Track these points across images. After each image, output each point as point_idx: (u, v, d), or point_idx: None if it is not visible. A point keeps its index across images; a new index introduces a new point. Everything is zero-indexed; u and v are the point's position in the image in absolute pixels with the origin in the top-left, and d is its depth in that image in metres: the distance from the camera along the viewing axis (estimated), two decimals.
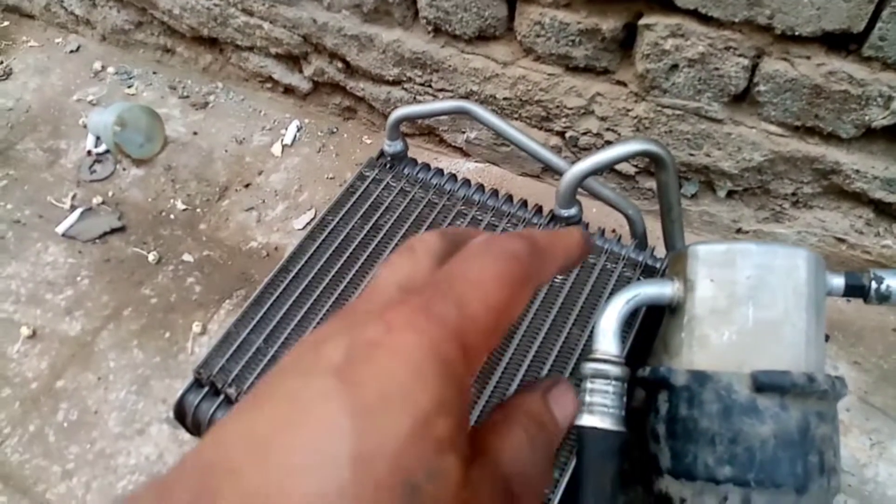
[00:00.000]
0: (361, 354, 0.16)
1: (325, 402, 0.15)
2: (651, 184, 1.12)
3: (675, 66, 0.93)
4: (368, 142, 1.37)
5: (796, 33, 0.82)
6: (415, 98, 1.23)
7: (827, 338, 0.62)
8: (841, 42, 0.82)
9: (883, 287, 0.60)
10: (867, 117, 0.86)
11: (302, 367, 0.17)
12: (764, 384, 0.52)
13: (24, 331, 1.09)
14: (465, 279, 0.18)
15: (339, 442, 0.15)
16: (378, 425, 0.15)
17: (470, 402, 0.18)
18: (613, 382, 0.55)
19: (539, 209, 0.86)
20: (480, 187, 0.88)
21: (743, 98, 0.94)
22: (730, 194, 1.08)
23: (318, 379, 0.16)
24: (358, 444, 0.15)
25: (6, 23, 1.70)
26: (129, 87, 1.53)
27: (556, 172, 0.83)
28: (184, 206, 1.27)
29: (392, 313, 0.17)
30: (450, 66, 1.12)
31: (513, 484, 0.19)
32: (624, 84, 1.01)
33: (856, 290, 0.61)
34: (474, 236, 0.22)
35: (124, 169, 1.35)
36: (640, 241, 0.87)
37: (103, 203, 1.29)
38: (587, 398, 0.55)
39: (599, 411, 0.54)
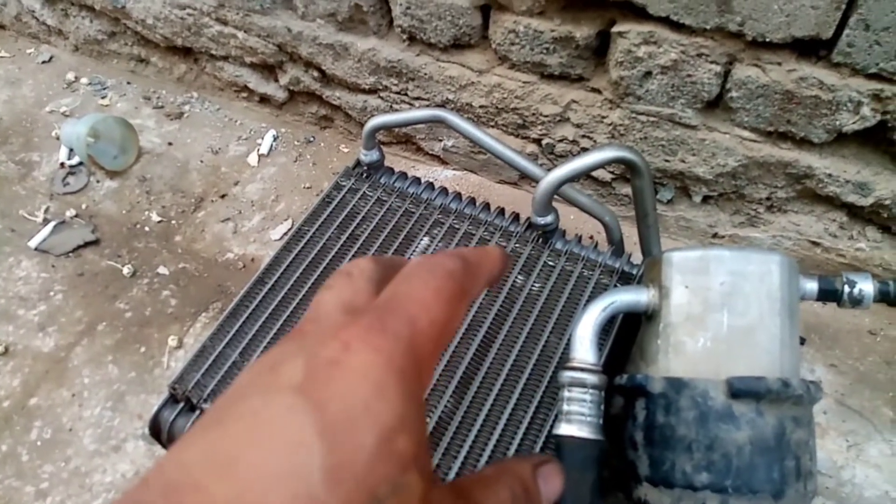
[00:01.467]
0: (322, 373, 0.17)
1: (291, 417, 0.16)
2: (627, 189, 1.13)
3: (648, 73, 0.93)
4: (345, 150, 1.36)
5: (767, 40, 0.82)
6: (391, 106, 1.23)
7: (803, 341, 0.63)
8: (811, 48, 0.84)
9: (856, 291, 0.60)
10: (838, 122, 0.87)
11: (261, 387, 0.17)
12: (739, 390, 0.52)
13: None
14: (409, 297, 0.19)
15: (310, 456, 0.15)
16: (345, 441, 0.15)
17: (425, 416, 0.20)
18: (591, 391, 0.55)
19: (516, 217, 0.85)
20: (458, 195, 0.88)
21: (716, 104, 0.94)
22: (705, 199, 1.09)
23: (280, 396, 0.16)
24: (328, 458, 0.15)
25: None
26: (103, 97, 1.51)
27: (533, 180, 0.83)
28: (159, 218, 1.25)
29: (347, 332, 0.18)
30: (425, 74, 1.12)
31: None
32: (598, 91, 1.01)
33: (829, 294, 0.62)
34: (404, 262, 0.23)
35: (98, 181, 1.33)
36: (617, 247, 0.87)
37: (77, 216, 1.27)
38: (565, 407, 0.55)
39: (577, 420, 0.53)
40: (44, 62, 1.61)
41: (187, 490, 0.15)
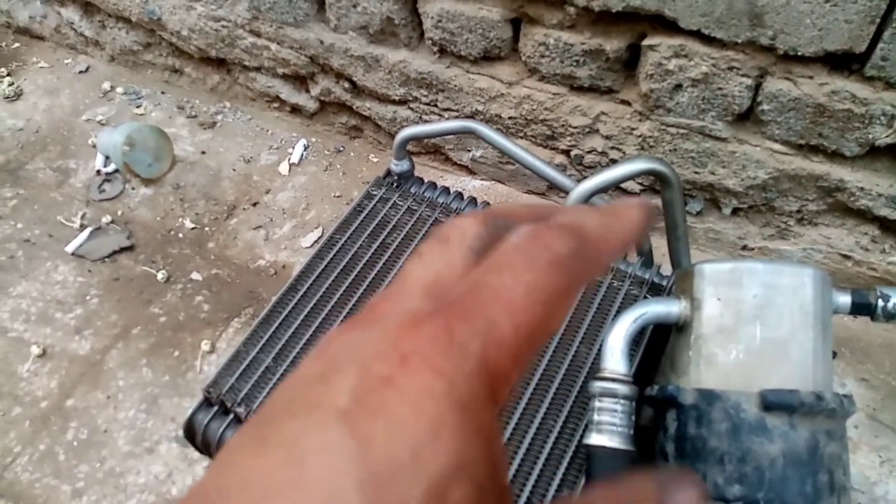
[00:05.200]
0: (371, 396, 0.15)
1: (332, 459, 0.14)
2: (656, 201, 1.13)
3: (678, 86, 0.94)
4: (375, 160, 1.38)
5: (799, 53, 0.82)
6: (420, 117, 1.24)
7: (834, 354, 0.63)
8: (843, 62, 0.83)
9: (890, 305, 0.60)
10: (871, 136, 0.87)
11: (307, 404, 0.15)
12: (772, 403, 0.53)
13: (34, 350, 1.10)
14: (494, 294, 0.16)
15: None
16: (387, 496, 0.14)
17: (499, 447, 0.16)
18: (622, 401, 0.55)
19: None
20: (486, 205, 0.88)
21: (747, 117, 0.94)
22: (735, 211, 1.08)
23: (323, 426, 0.14)
24: None
25: (17, 45, 1.72)
26: (138, 107, 1.55)
27: (562, 190, 0.83)
28: (192, 225, 1.28)
29: (407, 342, 0.15)
30: (455, 85, 1.13)
31: None
32: (628, 103, 1.02)
33: (862, 307, 0.61)
34: (519, 221, 0.18)
35: (133, 188, 1.36)
36: (647, 258, 0.87)
37: (112, 222, 1.30)
38: (595, 417, 0.55)
39: (608, 430, 0.54)
40: (81, 72, 1.65)
41: None
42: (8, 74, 1.64)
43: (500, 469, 0.16)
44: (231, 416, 0.75)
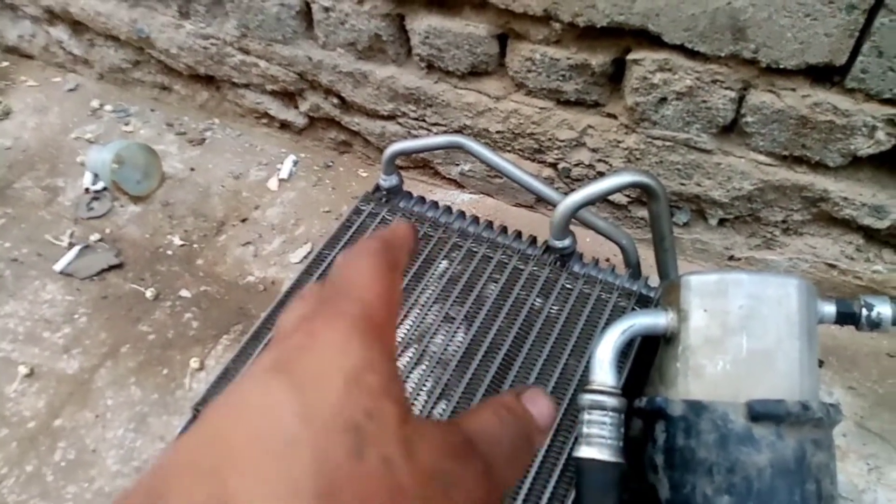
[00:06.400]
0: (292, 354, 0.19)
1: (265, 387, 0.18)
2: (643, 213, 1.14)
3: (663, 99, 0.95)
4: (364, 175, 1.39)
5: (781, 66, 0.84)
6: (409, 132, 1.25)
7: (821, 363, 0.63)
8: (825, 74, 0.85)
9: (874, 314, 0.61)
10: (853, 146, 0.88)
11: (243, 379, 0.19)
12: (759, 413, 0.53)
13: (22, 369, 1.09)
14: (350, 282, 0.22)
15: (282, 409, 0.17)
16: (315, 389, 0.17)
17: (396, 365, 0.20)
18: (610, 413, 0.55)
19: (533, 240, 0.87)
20: (475, 219, 0.89)
21: (731, 129, 0.96)
22: (721, 222, 1.09)
23: (257, 378, 0.18)
24: (300, 405, 0.17)
25: (5, 63, 1.72)
26: (127, 124, 1.55)
27: (550, 203, 0.84)
28: (181, 242, 1.28)
29: (309, 324, 0.20)
30: (443, 100, 1.14)
31: (476, 442, 0.21)
32: (614, 116, 1.03)
33: (847, 317, 0.62)
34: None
35: (122, 206, 1.36)
36: (634, 270, 0.88)
37: (101, 240, 1.29)
38: (584, 430, 0.55)
39: (597, 443, 0.54)
40: (70, 90, 1.65)
41: (171, 465, 0.17)
42: None
43: (399, 378, 0.20)
44: None
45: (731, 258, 1.13)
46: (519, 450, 0.23)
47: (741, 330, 0.58)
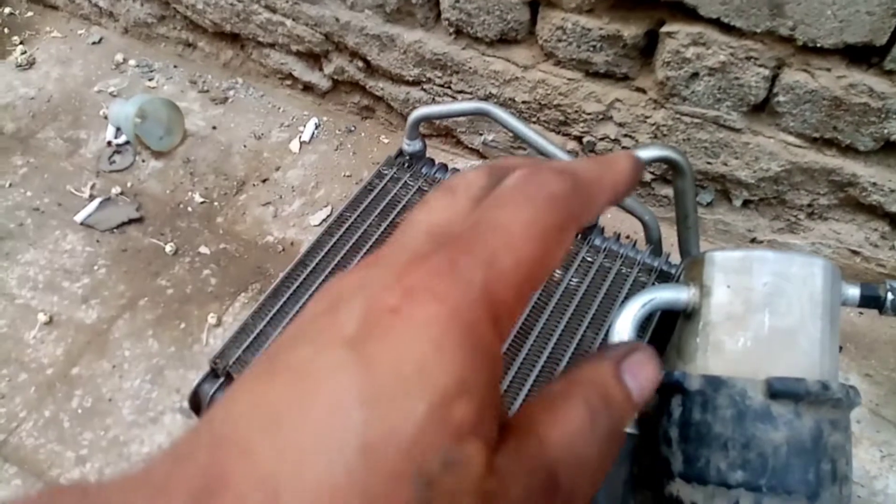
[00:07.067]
0: (377, 324, 0.15)
1: (338, 378, 0.14)
2: (667, 191, 1.13)
3: (695, 75, 0.93)
4: (386, 141, 1.38)
5: (818, 45, 0.82)
6: (433, 99, 1.24)
7: (840, 349, 0.63)
8: (862, 55, 0.83)
9: None
10: (886, 130, 0.86)
11: (315, 333, 0.16)
12: (778, 391, 0.53)
13: (41, 317, 1.11)
14: (494, 229, 0.16)
15: (349, 429, 0.14)
16: (390, 410, 0.14)
17: (500, 373, 0.16)
18: None
19: None
20: None
21: (762, 108, 0.94)
22: (745, 203, 1.08)
23: (330, 350, 0.15)
24: (368, 431, 0.14)
25: (30, 13, 1.72)
26: (150, 80, 1.55)
27: None
28: (201, 199, 1.28)
29: (412, 276, 0.16)
30: (470, 67, 1.12)
31: (560, 473, 0.17)
32: (643, 91, 1.01)
33: (871, 300, 0.61)
34: (516, 169, 0.19)
35: (143, 160, 1.36)
36: (656, 246, 0.87)
37: (122, 193, 1.30)
38: None
39: None
40: (94, 43, 1.65)
41: (234, 452, 0.14)
42: (21, 43, 1.64)
43: (498, 389, 0.16)
44: None
45: (753, 240, 1.12)
46: (606, 457, 0.18)
47: (764, 307, 0.57)
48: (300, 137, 1.38)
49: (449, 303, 0.15)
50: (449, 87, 1.19)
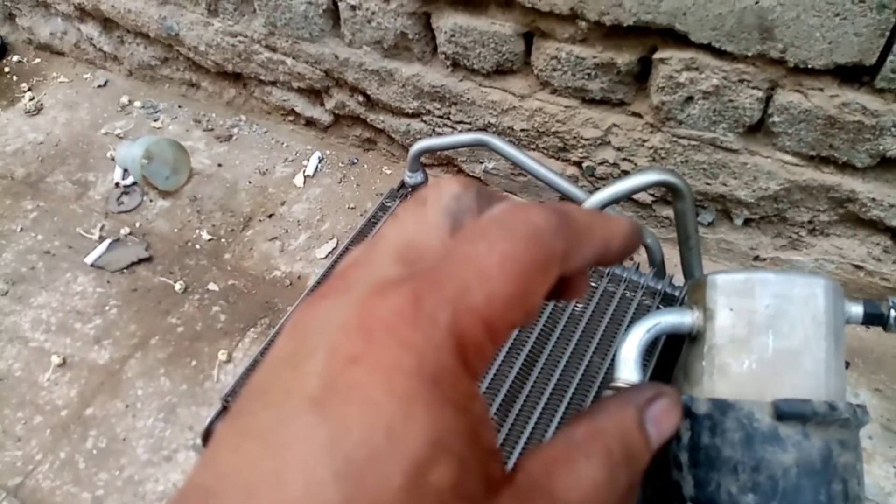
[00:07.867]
0: (340, 377, 0.14)
1: (307, 449, 0.13)
2: (668, 212, 1.14)
3: (689, 98, 0.95)
4: (388, 172, 1.40)
5: (809, 66, 0.83)
6: (434, 130, 1.26)
7: (847, 364, 0.63)
8: (854, 74, 0.84)
9: None
10: (882, 147, 0.87)
11: (281, 393, 0.15)
12: (785, 412, 0.53)
13: (55, 359, 1.12)
14: (467, 260, 0.15)
15: (320, 488, 0.13)
16: (365, 485, 0.13)
17: (481, 414, 0.15)
18: None
19: None
20: None
21: (758, 129, 0.95)
22: (746, 222, 1.09)
23: (297, 416, 0.14)
24: (340, 492, 0.13)
25: (38, 60, 1.76)
26: (156, 120, 1.57)
27: (574, 202, 0.84)
28: (209, 237, 1.30)
29: (374, 314, 0.14)
30: (468, 98, 1.14)
31: None
32: (639, 115, 1.03)
33: (875, 318, 0.61)
34: (501, 201, 0.18)
35: (151, 200, 1.38)
36: (659, 269, 0.88)
37: (131, 234, 1.32)
38: None
39: None
40: (99, 86, 1.68)
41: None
42: (29, 89, 1.67)
43: (482, 437, 0.15)
44: None
45: (756, 258, 1.13)
46: None
47: (767, 329, 0.58)
48: (304, 171, 1.40)
49: (413, 349, 0.14)
50: (448, 118, 1.21)
